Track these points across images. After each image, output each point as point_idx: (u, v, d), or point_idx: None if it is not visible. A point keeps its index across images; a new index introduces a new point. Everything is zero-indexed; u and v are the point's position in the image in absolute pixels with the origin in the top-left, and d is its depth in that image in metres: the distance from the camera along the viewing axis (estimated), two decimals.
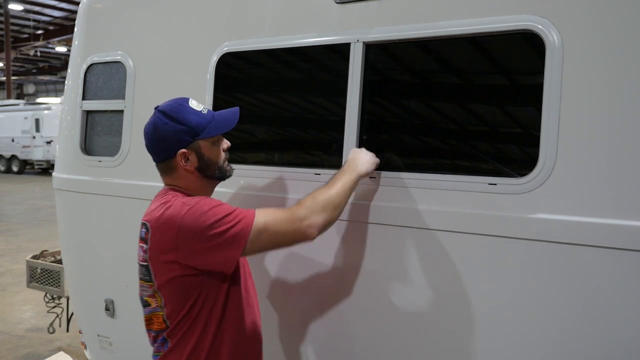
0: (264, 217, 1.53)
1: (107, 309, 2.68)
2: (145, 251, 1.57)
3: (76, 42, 2.78)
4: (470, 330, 1.73)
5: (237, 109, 1.71)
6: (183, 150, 1.60)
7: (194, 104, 1.64)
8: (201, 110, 1.64)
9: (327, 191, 1.63)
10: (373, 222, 1.87)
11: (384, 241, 1.86)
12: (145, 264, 1.58)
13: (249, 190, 2.14)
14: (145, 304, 1.62)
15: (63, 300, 3.84)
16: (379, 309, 1.90)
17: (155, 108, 1.66)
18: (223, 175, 1.71)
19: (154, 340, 1.64)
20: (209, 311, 1.57)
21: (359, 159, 1.76)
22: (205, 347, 1.57)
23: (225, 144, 1.71)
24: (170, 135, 1.59)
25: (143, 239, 1.58)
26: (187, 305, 1.55)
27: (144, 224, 1.58)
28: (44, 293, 3.81)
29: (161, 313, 1.59)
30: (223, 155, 1.69)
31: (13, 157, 20.82)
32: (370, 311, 1.92)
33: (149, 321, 1.63)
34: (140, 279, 1.62)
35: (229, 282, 1.61)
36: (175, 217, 1.48)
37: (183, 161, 1.61)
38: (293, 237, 1.57)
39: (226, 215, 1.49)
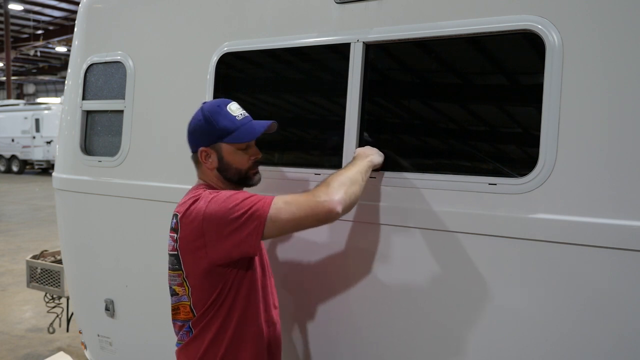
0: (282, 197, 1.56)
1: (107, 309, 2.68)
2: (175, 240, 1.63)
3: (76, 42, 2.78)
4: (469, 330, 1.73)
5: (271, 122, 1.72)
6: (204, 148, 1.68)
7: (232, 108, 1.69)
8: (236, 116, 1.68)
9: (343, 172, 1.66)
10: (372, 222, 1.87)
11: (383, 241, 1.86)
12: (175, 252, 1.64)
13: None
14: (173, 293, 1.68)
15: (63, 300, 3.85)
16: (378, 309, 1.90)
17: (203, 103, 1.74)
18: (243, 182, 1.75)
19: (179, 330, 1.69)
20: (232, 302, 1.62)
21: (368, 150, 1.80)
22: (227, 336, 1.63)
23: (255, 155, 1.73)
24: (198, 130, 1.69)
25: (173, 229, 1.65)
26: (213, 294, 1.61)
27: (174, 215, 1.66)
28: (44, 293, 3.82)
29: (188, 302, 1.65)
30: (247, 163, 1.72)
31: (13, 157, 20.81)
32: (368, 311, 1.92)
33: (175, 311, 1.69)
34: (170, 268, 1.68)
35: (250, 276, 1.66)
36: (201, 207, 1.56)
37: (204, 158, 1.69)
38: (315, 214, 1.54)
39: (245, 199, 1.55)
